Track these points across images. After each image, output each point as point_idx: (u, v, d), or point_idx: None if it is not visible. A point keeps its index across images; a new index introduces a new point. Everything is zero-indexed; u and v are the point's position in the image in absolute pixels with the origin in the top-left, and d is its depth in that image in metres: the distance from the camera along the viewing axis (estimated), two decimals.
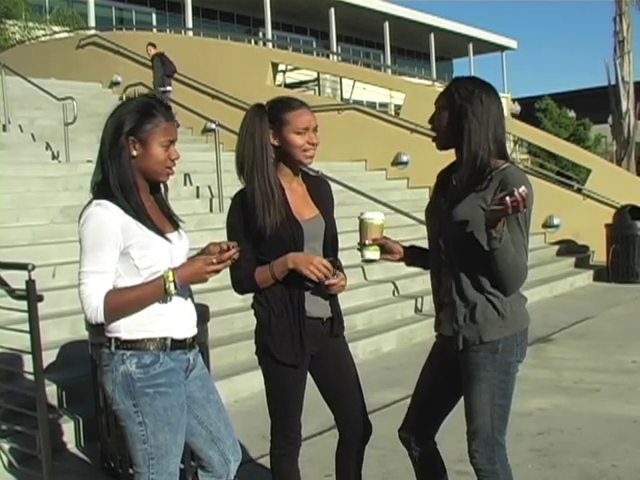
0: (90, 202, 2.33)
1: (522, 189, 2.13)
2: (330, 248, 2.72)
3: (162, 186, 2.51)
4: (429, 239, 2.62)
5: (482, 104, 2.42)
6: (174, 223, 2.48)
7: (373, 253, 2.58)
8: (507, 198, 2.13)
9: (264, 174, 2.57)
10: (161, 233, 2.36)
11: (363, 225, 2.58)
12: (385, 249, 2.62)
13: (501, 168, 2.42)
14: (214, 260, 2.29)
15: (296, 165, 2.67)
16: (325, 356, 2.74)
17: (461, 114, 2.42)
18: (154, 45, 12.89)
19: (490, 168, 2.41)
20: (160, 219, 2.42)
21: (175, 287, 2.28)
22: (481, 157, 2.41)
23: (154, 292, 2.30)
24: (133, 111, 2.34)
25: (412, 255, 2.72)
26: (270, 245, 2.58)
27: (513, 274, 2.38)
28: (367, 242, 2.57)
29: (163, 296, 2.32)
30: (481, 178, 2.41)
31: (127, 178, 2.32)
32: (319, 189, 2.76)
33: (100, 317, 2.28)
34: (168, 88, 12.57)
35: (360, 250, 2.60)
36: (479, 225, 2.34)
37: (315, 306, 2.65)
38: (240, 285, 2.68)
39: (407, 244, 2.77)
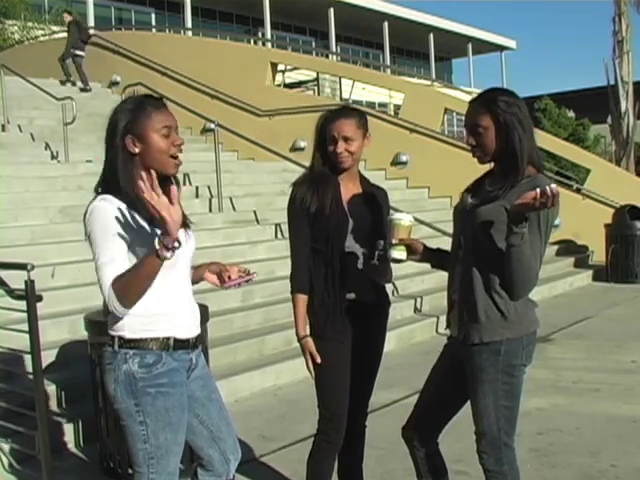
0: (95, 197, 2.33)
1: (554, 186, 2.14)
2: (374, 243, 2.79)
3: (174, 181, 2.39)
4: (453, 237, 2.65)
5: (521, 112, 2.44)
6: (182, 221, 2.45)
7: (399, 253, 2.62)
8: (537, 190, 2.14)
9: (315, 166, 2.92)
10: None
11: (391, 225, 2.62)
12: (412, 249, 2.64)
13: (533, 177, 2.43)
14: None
15: (337, 167, 2.90)
16: (361, 337, 2.89)
17: (509, 126, 2.43)
18: (70, 12, 14.95)
19: (522, 175, 2.43)
20: None
21: (167, 249, 2.14)
22: (524, 164, 2.43)
23: (149, 265, 2.18)
24: (125, 110, 2.33)
25: (437, 257, 2.75)
26: (318, 229, 2.82)
27: (524, 277, 2.38)
28: (394, 242, 2.61)
29: (160, 263, 2.18)
30: (515, 184, 2.42)
31: (129, 177, 2.31)
32: (373, 193, 3.01)
33: (116, 305, 2.22)
34: (80, 52, 13.94)
35: (388, 250, 2.65)
36: (499, 224, 2.36)
37: (355, 289, 2.87)
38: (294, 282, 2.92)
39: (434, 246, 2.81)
